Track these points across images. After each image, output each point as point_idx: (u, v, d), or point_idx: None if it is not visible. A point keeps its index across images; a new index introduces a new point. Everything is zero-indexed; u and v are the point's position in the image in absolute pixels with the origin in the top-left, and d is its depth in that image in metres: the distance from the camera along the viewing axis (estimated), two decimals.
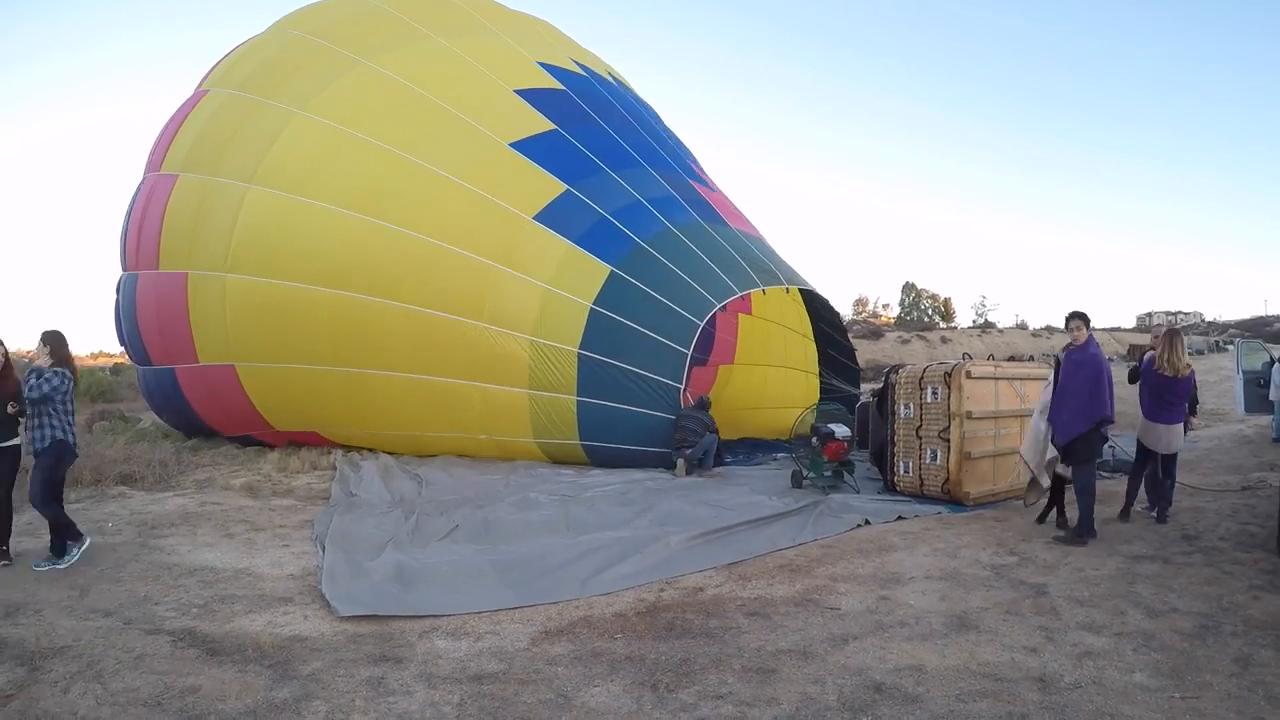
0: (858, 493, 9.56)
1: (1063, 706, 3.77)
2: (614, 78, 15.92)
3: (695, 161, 16.05)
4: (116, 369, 40.61)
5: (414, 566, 6.50)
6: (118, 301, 14.49)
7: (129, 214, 14.20)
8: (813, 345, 16.58)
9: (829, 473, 9.82)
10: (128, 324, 14.05)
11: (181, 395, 13.63)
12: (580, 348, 11.36)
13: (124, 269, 14.29)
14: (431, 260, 11.60)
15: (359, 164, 12.03)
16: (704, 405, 11.73)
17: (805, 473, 10.05)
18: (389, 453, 12.65)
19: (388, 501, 9.36)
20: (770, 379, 17.36)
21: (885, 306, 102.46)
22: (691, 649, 4.60)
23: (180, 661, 4.41)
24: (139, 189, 14.25)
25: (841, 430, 9.97)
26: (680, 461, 10.94)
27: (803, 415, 11.00)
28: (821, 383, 16.41)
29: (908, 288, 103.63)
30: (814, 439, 10.03)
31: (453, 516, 8.36)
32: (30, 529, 7.55)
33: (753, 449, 14.27)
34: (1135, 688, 3.98)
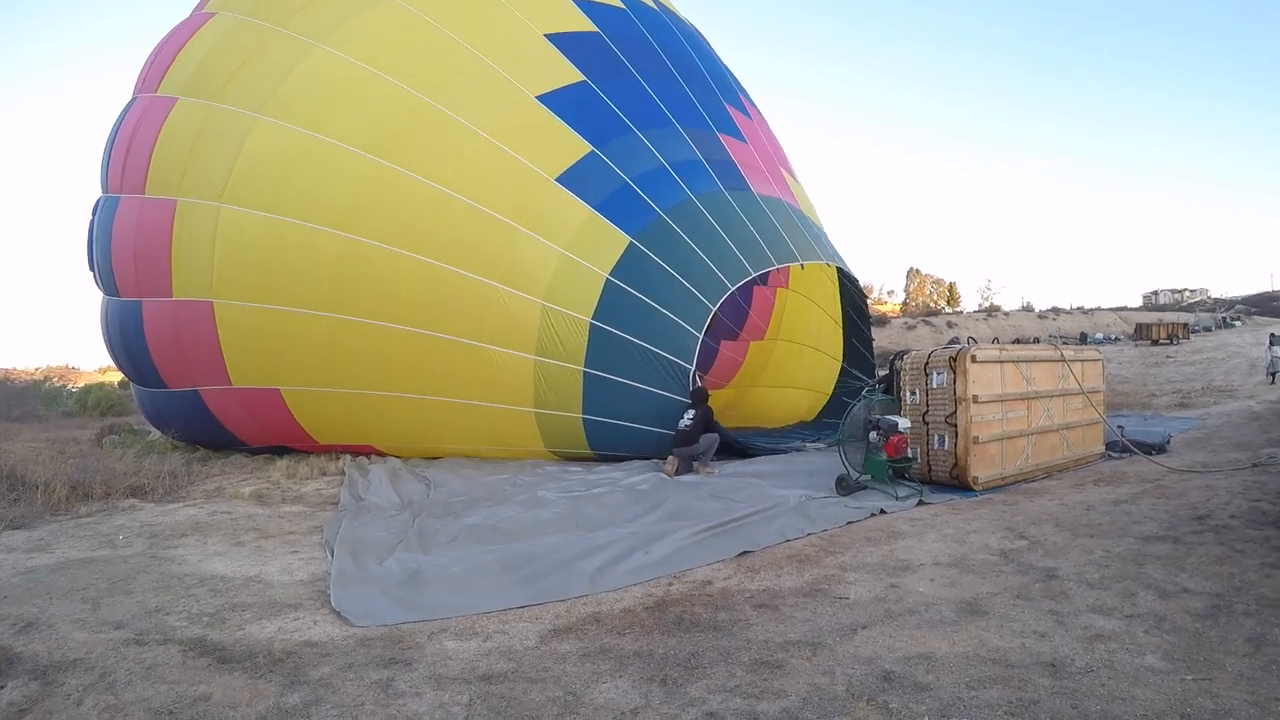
0: (921, 501, 8.48)
1: (1073, 691, 3.76)
2: (656, 1, 15.33)
3: (735, 92, 15.63)
4: (125, 384, 40.80)
5: (423, 568, 6.52)
6: (92, 223, 13.88)
7: (114, 134, 13.67)
8: (839, 330, 16.57)
9: (889, 474, 8.83)
10: (100, 249, 13.46)
11: (143, 337, 13.00)
12: (593, 318, 11.16)
13: (104, 191, 13.75)
14: (447, 212, 11.19)
15: (378, 105, 11.57)
16: (703, 398, 11.29)
17: (857, 475, 9.07)
18: (395, 455, 12.66)
19: (396, 504, 9.36)
20: (803, 358, 17.39)
21: (890, 293, 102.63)
22: (700, 643, 4.60)
23: (192, 670, 4.42)
24: (128, 109, 13.67)
25: (904, 423, 9.01)
26: (671, 458, 10.67)
27: (852, 409, 9.68)
28: (841, 372, 16.45)
29: (912, 273, 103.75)
30: (874, 434, 8.99)
31: (461, 517, 8.37)
32: (42, 544, 7.59)
33: (770, 439, 14.23)
34: (1147, 670, 3.96)
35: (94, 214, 13.94)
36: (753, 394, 17.88)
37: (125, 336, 13.39)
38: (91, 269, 14.19)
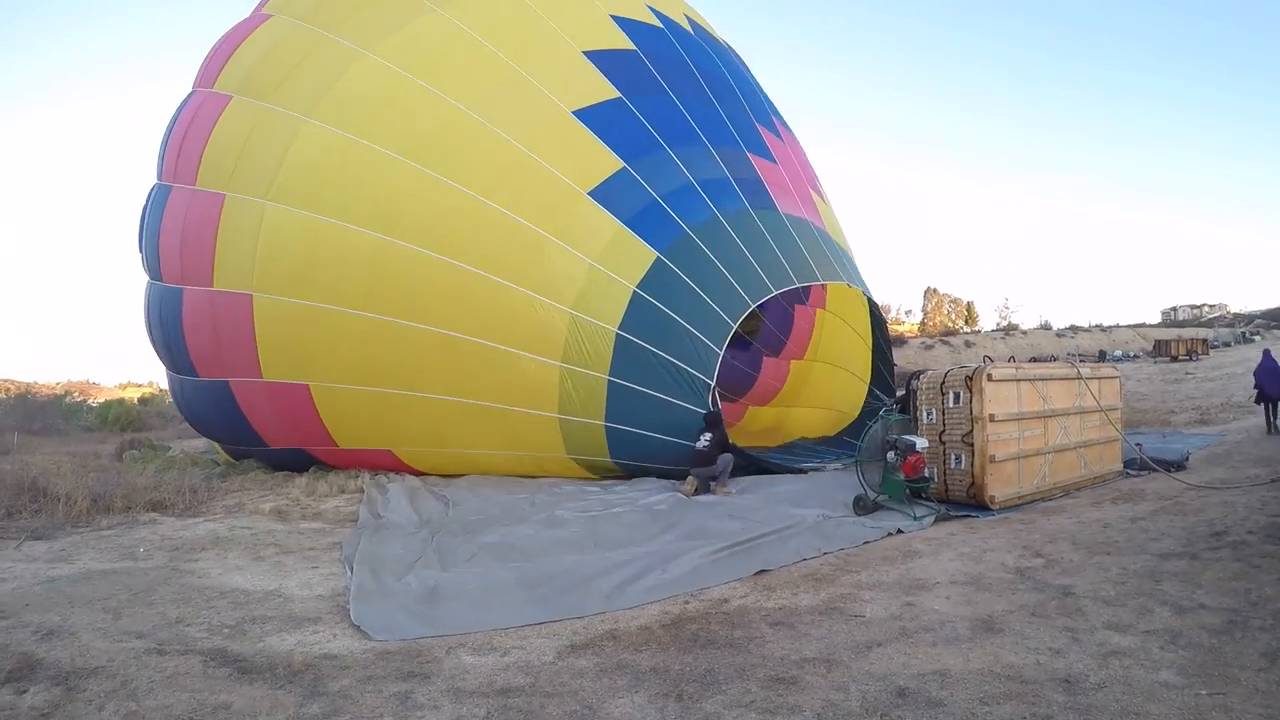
0: (938, 520, 8.55)
1: (1087, 707, 3.76)
2: (692, 22, 15.53)
3: (768, 113, 15.80)
4: (145, 400, 41.20)
5: (442, 585, 6.56)
6: (144, 209, 14.47)
7: (171, 125, 14.18)
8: (869, 351, 16.83)
9: (906, 493, 8.83)
10: (149, 235, 14.05)
11: (180, 323, 13.39)
12: (619, 328, 11.29)
13: (158, 178, 14.27)
14: (481, 219, 11.44)
15: (420, 113, 11.88)
16: (717, 421, 11.25)
17: (875, 495, 8.96)
18: (415, 464, 12.78)
19: (415, 522, 9.41)
20: (837, 379, 17.55)
21: (908, 313, 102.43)
22: (716, 659, 4.62)
23: (212, 680, 4.47)
24: (185, 101, 14.23)
25: (921, 442, 8.95)
26: (690, 479, 10.67)
27: (870, 429, 9.54)
28: (867, 393, 16.58)
29: (929, 293, 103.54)
30: (891, 453, 8.95)
31: (479, 536, 8.41)
32: (63, 554, 7.66)
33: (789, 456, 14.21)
34: (1161, 686, 3.96)
35: (147, 200, 14.49)
36: (793, 414, 18.00)
37: (164, 321, 13.81)
38: (140, 251, 14.69)
